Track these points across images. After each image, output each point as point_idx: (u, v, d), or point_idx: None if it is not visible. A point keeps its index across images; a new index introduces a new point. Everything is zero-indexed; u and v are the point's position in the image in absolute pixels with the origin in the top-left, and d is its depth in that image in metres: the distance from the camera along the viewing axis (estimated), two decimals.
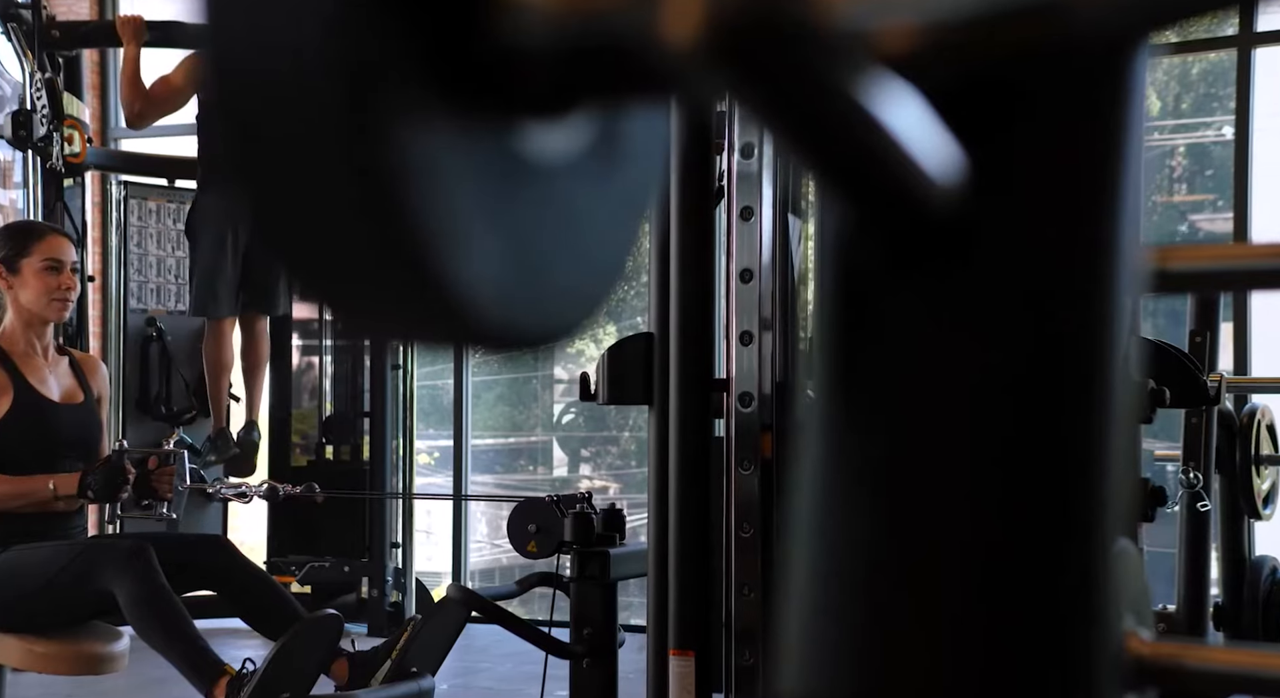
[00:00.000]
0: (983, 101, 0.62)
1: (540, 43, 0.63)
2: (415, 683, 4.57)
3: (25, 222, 6.56)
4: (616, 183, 0.72)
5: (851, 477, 0.66)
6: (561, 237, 0.69)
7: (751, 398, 3.90)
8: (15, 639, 4.50)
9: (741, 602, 3.89)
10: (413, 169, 0.61)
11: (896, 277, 0.64)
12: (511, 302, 0.65)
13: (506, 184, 0.66)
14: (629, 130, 0.72)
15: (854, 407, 0.66)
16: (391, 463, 8.29)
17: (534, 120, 0.66)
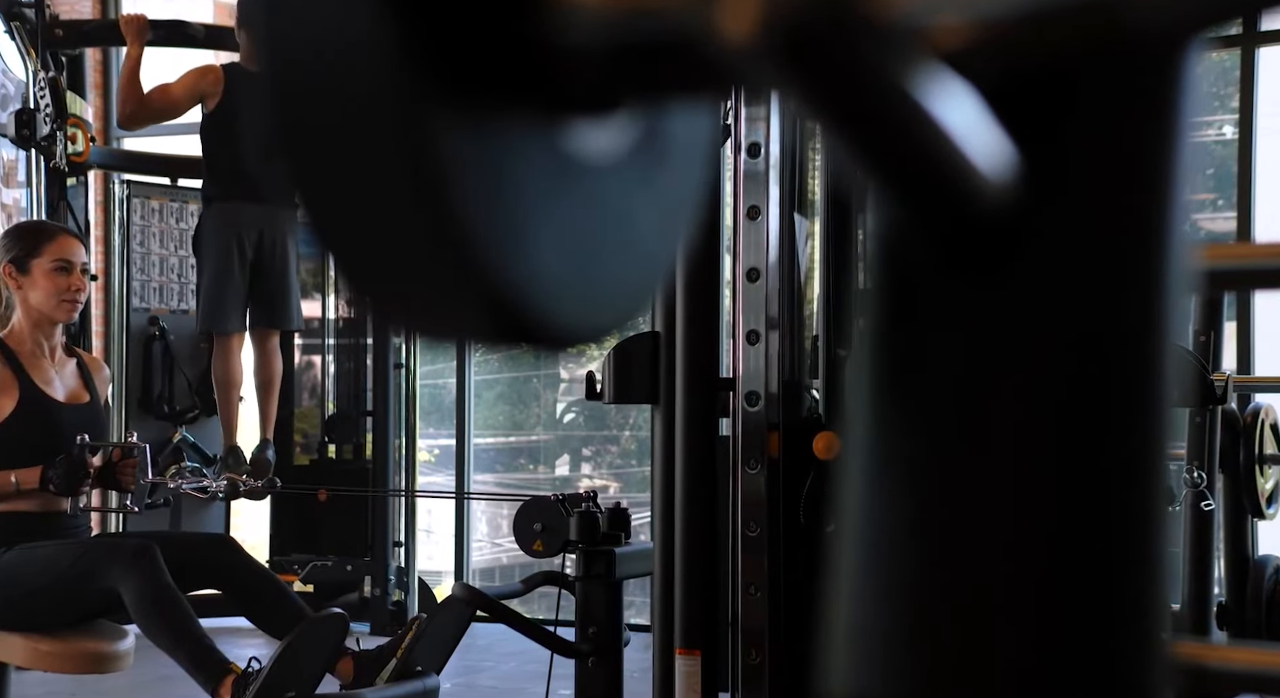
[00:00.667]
0: (1035, 100, 0.62)
1: (590, 39, 0.63)
2: (420, 682, 4.57)
3: (35, 222, 6.56)
4: (661, 181, 0.72)
5: (898, 480, 0.66)
6: (607, 234, 0.69)
7: (758, 397, 3.91)
8: (20, 638, 4.50)
9: (748, 601, 3.90)
10: (464, 166, 0.61)
11: (946, 277, 0.64)
12: (556, 299, 0.65)
13: (555, 181, 0.66)
14: (674, 128, 0.72)
15: (901, 409, 0.66)
16: (394, 462, 8.29)
17: (582, 118, 0.66)
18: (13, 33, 7.31)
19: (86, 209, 7.80)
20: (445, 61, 0.61)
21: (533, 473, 13.06)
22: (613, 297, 0.70)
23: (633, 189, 0.70)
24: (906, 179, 0.61)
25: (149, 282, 8.57)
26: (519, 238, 0.63)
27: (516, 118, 0.64)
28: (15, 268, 4.63)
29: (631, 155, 0.69)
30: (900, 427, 0.65)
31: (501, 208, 0.62)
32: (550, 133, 0.65)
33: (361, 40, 0.60)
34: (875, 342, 0.66)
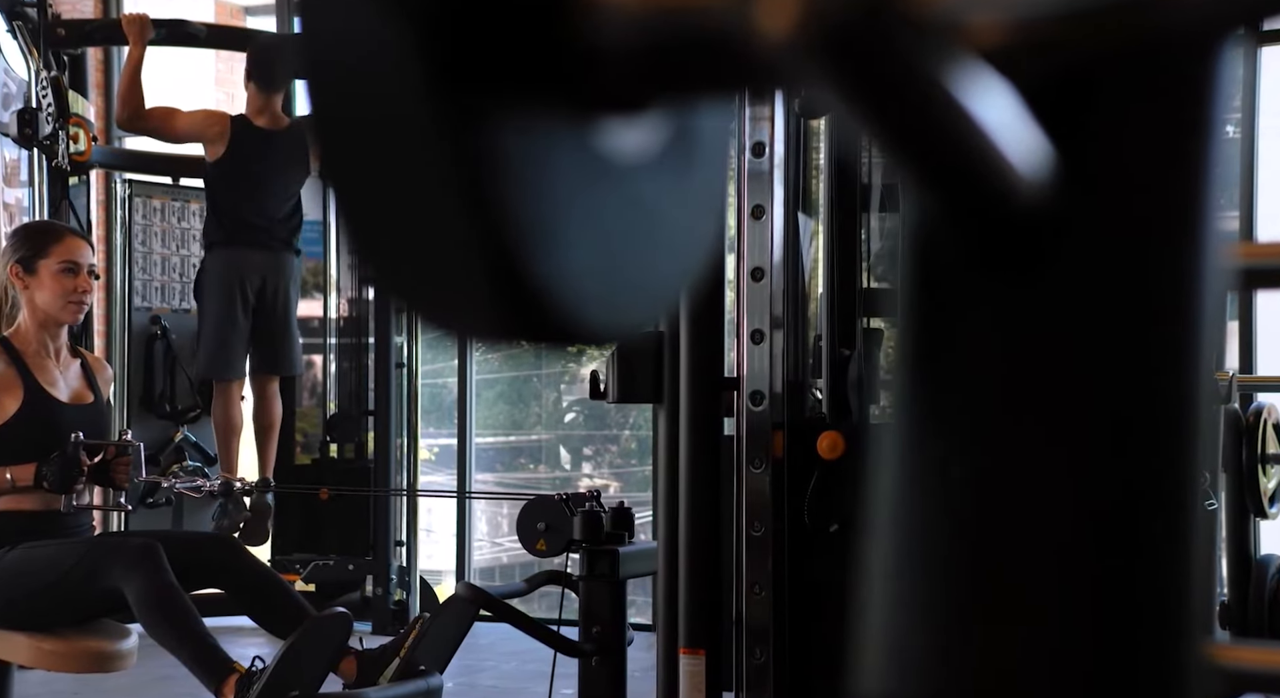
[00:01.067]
0: (1070, 98, 0.62)
1: (624, 38, 0.63)
2: (424, 681, 4.57)
3: (43, 222, 6.56)
4: (691, 180, 0.72)
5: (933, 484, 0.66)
6: (637, 233, 0.69)
7: (763, 397, 3.91)
8: (23, 637, 4.50)
9: (752, 601, 3.90)
10: (499, 165, 0.61)
11: (980, 275, 0.64)
12: (588, 297, 0.65)
13: (587, 181, 0.66)
14: (703, 127, 0.72)
15: (935, 410, 0.65)
16: (396, 461, 8.29)
17: (614, 117, 0.66)
18: (15, 32, 7.31)
19: (88, 208, 7.81)
20: (480, 60, 0.61)
21: (533, 472, 13.06)
22: (642, 296, 0.70)
23: (663, 188, 0.70)
24: (943, 175, 0.61)
25: (151, 281, 8.57)
26: (552, 237, 0.63)
27: (549, 117, 0.64)
28: (22, 268, 4.63)
29: (662, 154, 0.69)
30: (934, 429, 0.65)
31: (535, 207, 0.62)
32: (582, 132, 0.65)
33: (398, 39, 0.60)
34: (907, 342, 0.66)
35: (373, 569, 8.13)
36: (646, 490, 11.10)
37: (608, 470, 12.97)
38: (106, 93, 9.51)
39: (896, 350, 0.67)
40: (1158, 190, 0.63)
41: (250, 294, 7.69)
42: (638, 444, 12.72)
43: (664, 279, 0.72)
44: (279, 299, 7.77)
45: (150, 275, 8.57)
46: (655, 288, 0.72)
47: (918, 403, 0.66)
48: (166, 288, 8.62)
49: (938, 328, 0.65)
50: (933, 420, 0.65)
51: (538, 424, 13.03)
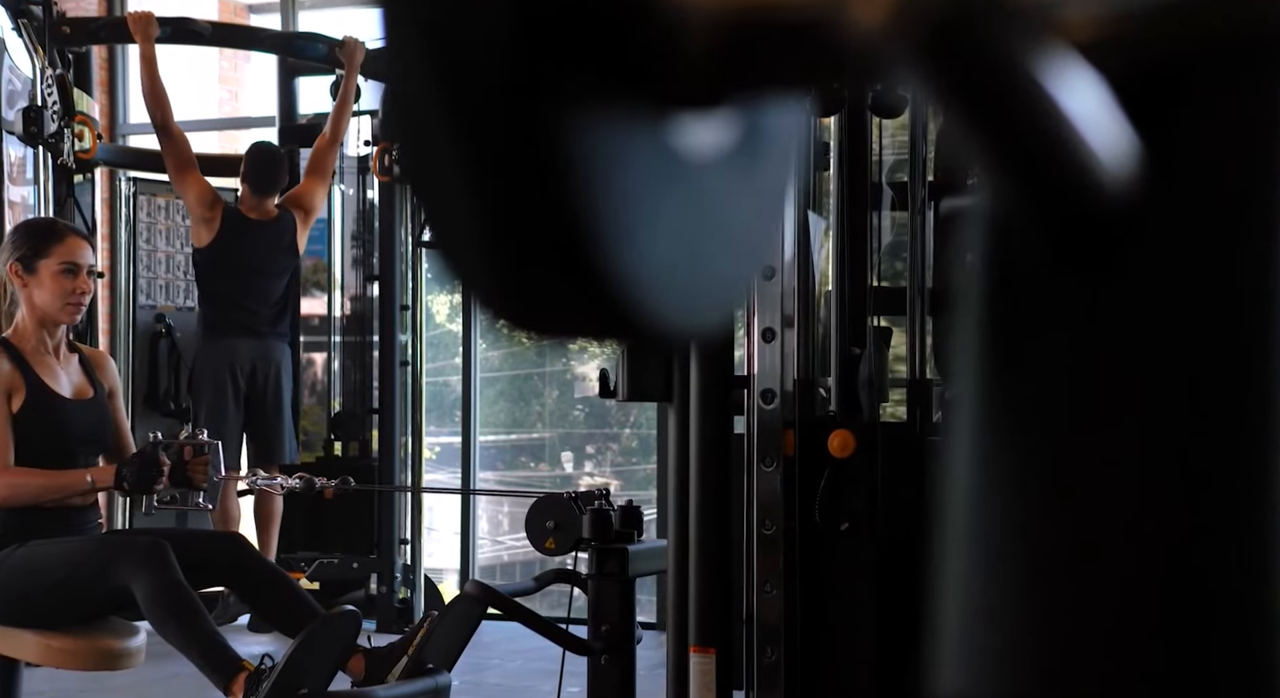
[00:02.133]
0: (1158, 93, 0.62)
1: (705, 33, 0.63)
2: (432, 679, 4.56)
3: (46, 220, 6.54)
4: (758, 177, 0.72)
5: (1014, 483, 0.65)
6: (708, 231, 0.69)
7: (774, 395, 3.91)
8: (32, 634, 4.50)
9: (764, 599, 3.90)
10: (579, 162, 0.61)
11: (1058, 274, 0.63)
12: (661, 296, 0.65)
13: (661, 178, 0.66)
14: (769, 124, 0.72)
15: (1008, 413, 0.65)
16: (400, 459, 8.28)
17: (689, 113, 0.66)
18: (20, 29, 7.31)
19: (93, 206, 7.81)
20: (562, 55, 0.61)
21: (534, 470, 13.05)
22: (712, 293, 0.70)
23: (732, 185, 0.70)
24: (1028, 167, 0.60)
25: (155, 279, 8.57)
26: (628, 235, 0.63)
27: (628, 113, 0.64)
28: (22, 267, 4.62)
29: (731, 151, 0.69)
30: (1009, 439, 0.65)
31: (612, 205, 0.62)
32: (658, 129, 0.65)
33: (480, 36, 0.60)
34: (979, 342, 0.65)
35: (377, 567, 8.12)
36: (647, 489, 11.09)
37: (609, 469, 12.96)
38: (110, 90, 9.51)
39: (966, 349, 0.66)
40: (1243, 187, 0.63)
41: (241, 383, 7.81)
42: (639, 442, 12.71)
43: (733, 277, 0.72)
44: (269, 387, 7.88)
45: (155, 273, 8.57)
46: (725, 286, 0.71)
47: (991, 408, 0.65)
48: (171, 286, 8.62)
49: (1012, 328, 0.65)
50: (1007, 428, 0.65)
51: (539, 422, 13.02)
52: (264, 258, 7.82)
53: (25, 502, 4.53)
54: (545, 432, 13.02)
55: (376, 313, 8.45)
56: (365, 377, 8.59)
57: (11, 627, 4.51)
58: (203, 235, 7.73)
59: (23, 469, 4.51)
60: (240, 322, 7.78)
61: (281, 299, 7.98)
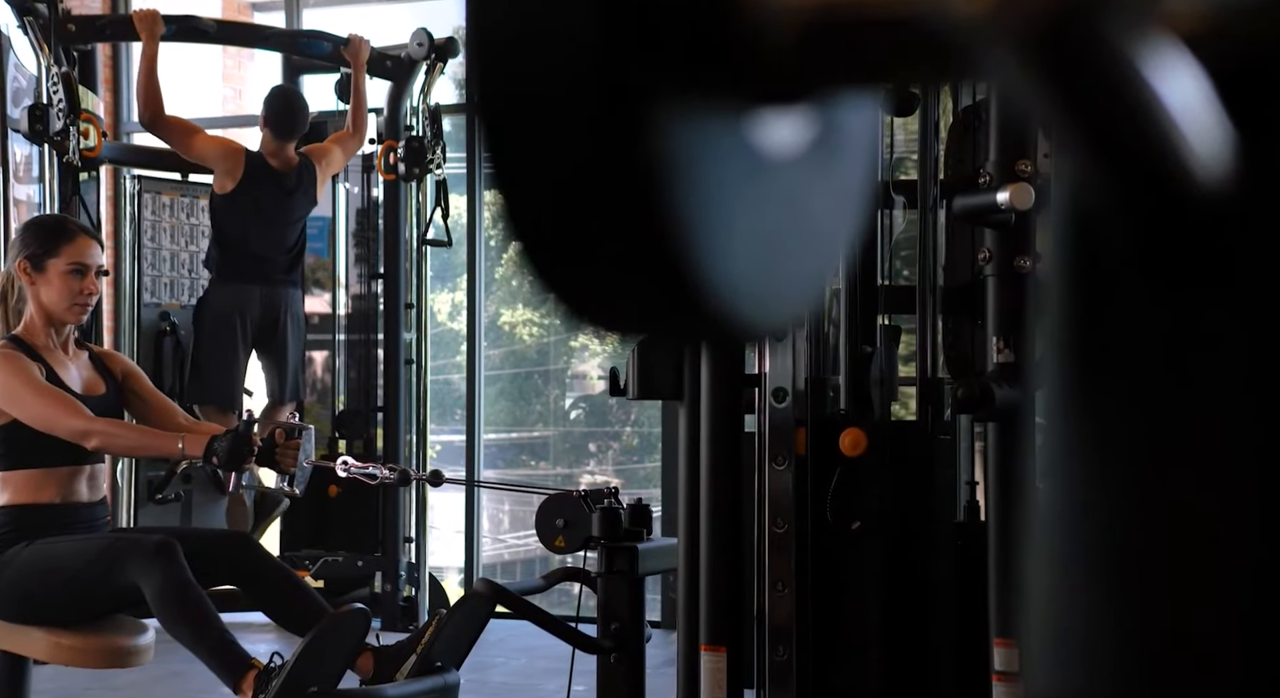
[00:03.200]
0: (1260, 89, 0.61)
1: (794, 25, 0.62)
2: (441, 677, 4.57)
3: (56, 218, 6.54)
4: (835, 173, 0.72)
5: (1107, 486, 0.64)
6: (787, 228, 0.69)
7: (785, 393, 3.91)
8: (41, 632, 4.51)
9: (775, 598, 3.90)
10: (666, 158, 0.61)
11: (1151, 276, 0.63)
12: (743, 293, 0.65)
13: (743, 174, 0.66)
14: (846, 119, 0.72)
15: (1097, 420, 0.64)
16: (404, 457, 8.28)
17: (772, 108, 0.66)
18: (26, 28, 7.30)
19: (97, 204, 7.80)
20: (648, 53, 0.60)
21: (534, 469, 13.05)
22: (791, 291, 0.70)
23: (810, 182, 0.70)
24: (1125, 162, 0.60)
25: (160, 277, 8.57)
26: (712, 232, 0.63)
27: (710, 110, 0.64)
28: (31, 265, 4.63)
29: (809, 148, 0.69)
30: (1098, 439, 0.64)
31: (696, 202, 0.62)
32: (739, 125, 0.65)
33: (570, 29, 0.60)
34: (1066, 345, 0.65)
35: (382, 566, 8.13)
36: (648, 487, 11.11)
37: (610, 467, 12.96)
38: (115, 88, 9.50)
39: (1053, 354, 0.66)
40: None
41: (250, 327, 7.80)
42: (639, 441, 12.71)
43: (811, 274, 0.72)
44: (280, 331, 7.87)
45: (159, 271, 8.57)
46: (804, 283, 0.71)
47: (1080, 421, 0.65)
48: (175, 284, 8.62)
49: (1097, 333, 0.64)
50: (1093, 431, 0.64)
51: (540, 421, 13.02)
52: (284, 205, 7.84)
53: (120, 451, 4.58)
54: (546, 430, 13.02)
55: (380, 311, 8.46)
56: (369, 375, 8.59)
57: (20, 624, 4.52)
58: (226, 184, 7.73)
59: (118, 421, 4.54)
60: (255, 267, 7.79)
61: (296, 246, 7.99)
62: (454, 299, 12.05)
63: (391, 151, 8.23)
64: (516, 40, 0.62)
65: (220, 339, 7.79)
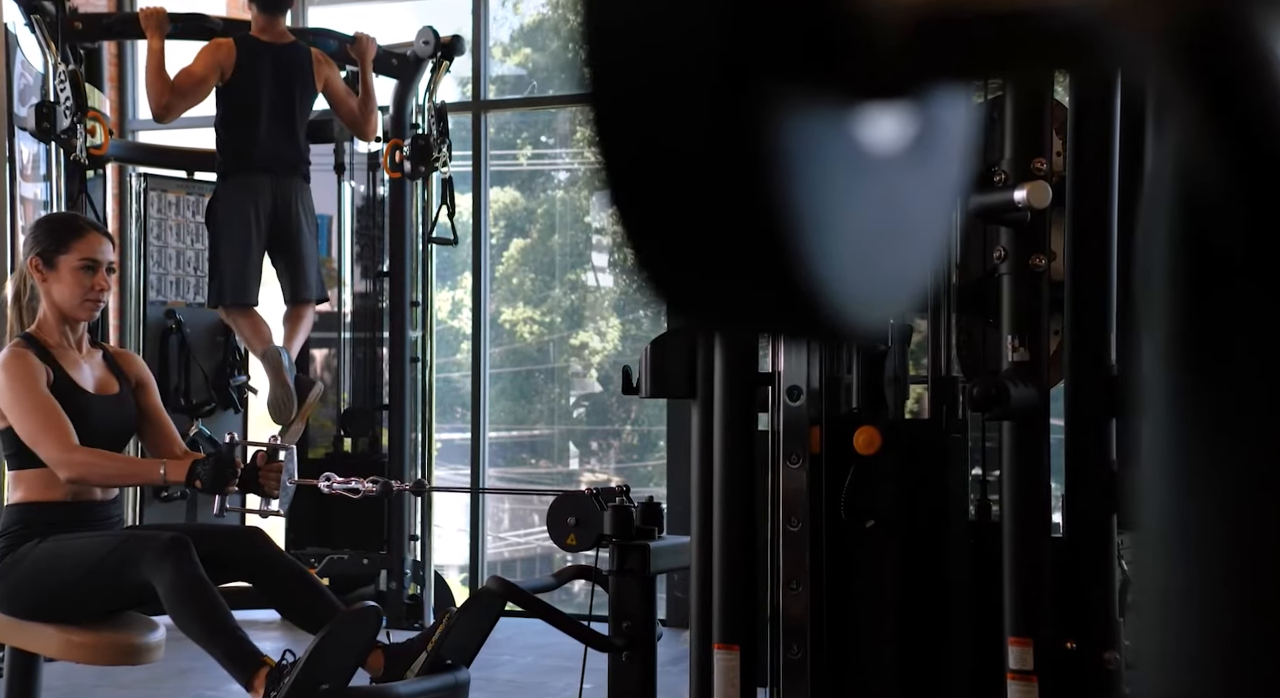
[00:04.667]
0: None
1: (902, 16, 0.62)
2: (452, 675, 4.58)
3: (68, 215, 6.55)
4: (933, 169, 0.72)
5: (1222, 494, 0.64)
6: (888, 224, 0.69)
7: (800, 392, 3.91)
8: (52, 629, 4.51)
9: (789, 596, 3.90)
10: (777, 154, 0.61)
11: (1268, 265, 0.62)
12: (846, 291, 0.65)
13: (847, 170, 0.66)
14: (944, 115, 0.72)
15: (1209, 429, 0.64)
16: (410, 455, 8.29)
17: (878, 102, 0.66)
18: (33, 25, 7.31)
19: (103, 202, 7.80)
20: (763, 42, 0.60)
21: (534, 467, 13.05)
22: (892, 289, 0.70)
23: (910, 178, 0.70)
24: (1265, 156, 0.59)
25: (165, 275, 8.57)
26: (818, 229, 0.63)
27: (819, 103, 0.64)
28: (43, 262, 4.64)
29: (911, 143, 0.69)
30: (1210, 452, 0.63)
31: (805, 197, 0.62)
32: (845, 120, 0.65)
33: (688, 19, 0.60)
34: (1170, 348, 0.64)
35: (387, 564, 8.13)
36: (648, 486, 11.10)
37: (611, 466, 12.96)
38: (120, 86, 9.50)
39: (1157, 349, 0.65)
40: None
41: (263, 221, 7.65)
42: (640, 439, 12.71)
43: (911, 271, 0.72)
44: (293, 223, 7.72)
45: (165, 269, 8.57)
46: (904, 281, 0.71)
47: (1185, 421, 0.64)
48: (181, 282, 8.62)
49: (1211, 335, 0.63)
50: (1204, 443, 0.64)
51: (540, 419, 13.02)
52: (280, 84, 7.69)
53: (97, 482, 4.56)
54: (547, 428, 13.02)
55: (386, 309, 8.46)
56: (374, 373, 8.60)
57: (32, 621, 4.52)
58: (225, 75, 7.65)
59: (98, 450, 4.52)
60: (258, 159, 7.65)
61: (299, 135, 7.83)
62: (454, 297, 12.05)
63: (397, 149, 8.23)
64: (633, 28, 0.62)
65: (234, 234, 7.64)
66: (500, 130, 10.49)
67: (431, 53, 8.23)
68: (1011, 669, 3.67)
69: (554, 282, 12.70)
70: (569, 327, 12.67)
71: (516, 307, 12.55)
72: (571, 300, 12.69)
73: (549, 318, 12.68)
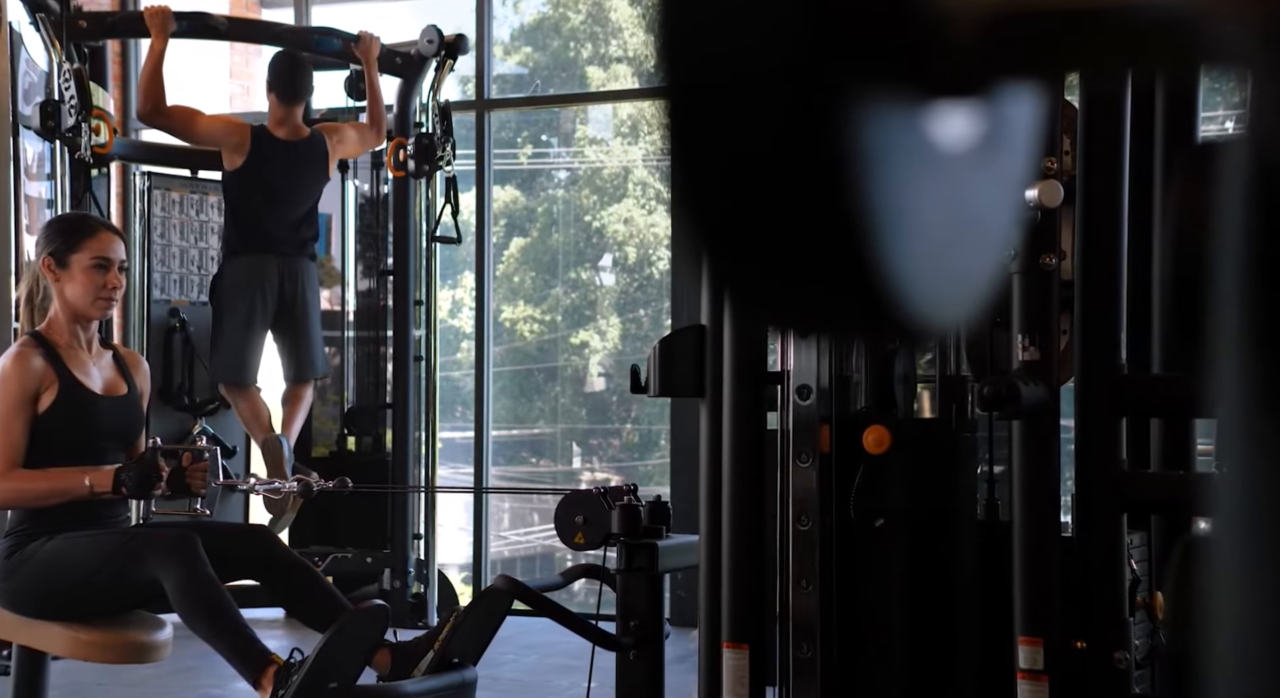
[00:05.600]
0: None
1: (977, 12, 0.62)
2: (459, 674, 4.58)
3: (79, 214, 6.55)
4: (999, 166, 0.72)
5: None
6: (958, 222, 0.69)
7: (810, 391, 3.91)
8: (60, 627, 4.51)
9: (799, 595, 3.91)
10: (856, 153, 0.61)
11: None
12: (921, 290, 0.65)
13: (919, 169, 0.66)
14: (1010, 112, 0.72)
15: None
16: (414, 454, 8.29)
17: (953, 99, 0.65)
18: (38, 24, 7.30)
19: (107, 201, 7.80)
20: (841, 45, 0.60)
21: (534, 466, 13.06)
22: (963, 287, 0.70)
23: (978, 175, 0.70)
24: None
25: (169, 273, 8.56)
26: (893, 229, 0.63)
27: (892, 101, 0.63)
28: (55, 261, 4.64)
29: (980, 141, 0.69)
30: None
31: (880, 197, 0.62)
32: (917, 118, 0.65)
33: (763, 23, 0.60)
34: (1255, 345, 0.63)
35: (391, 563, 8.13)
36: (647, 485, 11.10)
37: (611, 465, 12.97)
38: (124, 85, 9.50)
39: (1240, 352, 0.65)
40: None
41: (270, 301, 7.71)
42: (639, 438, 12.72)
43: (980, 269, 0.72)
44: (298, 303, 7.77)
45: (169, 268, 8.56)
46: (974, 279, 0.71)
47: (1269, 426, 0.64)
48: (185, 281, 8.62)
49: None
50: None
51: (540, 418, 13.02)
52: (293, 178, 7.72)
53: (26, 504, 4.54)
54: (546, 427, 13.02)
55: (390, 308, 8.46)
56: (378, 372, 8.60)
57: (40, 619, 4.52)
58: (235, 160, 7.64)
59: (25, 473, 4.50)
60: (267, 242, 7.67)
61: (309, 219, 7.86)
62: (454, 296, 12.06)
63: (401, 148, 8.23)
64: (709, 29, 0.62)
65: (237, 312, 7.68)
66: (501, 129, 10.49)
67: (435, 52, 8.22)
68: (1021, 669, 3.67)
69: (554, 280, 12.70)
70: (569, 325, 12.69)
71: (517, 305, 12.55)
72: (572, 299, 12.70)
73: (549, 316, 12.69)
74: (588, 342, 12.70)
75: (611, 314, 12.58)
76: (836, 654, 3.90)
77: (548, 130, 12.92)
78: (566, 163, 12.84)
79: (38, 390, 4.54)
